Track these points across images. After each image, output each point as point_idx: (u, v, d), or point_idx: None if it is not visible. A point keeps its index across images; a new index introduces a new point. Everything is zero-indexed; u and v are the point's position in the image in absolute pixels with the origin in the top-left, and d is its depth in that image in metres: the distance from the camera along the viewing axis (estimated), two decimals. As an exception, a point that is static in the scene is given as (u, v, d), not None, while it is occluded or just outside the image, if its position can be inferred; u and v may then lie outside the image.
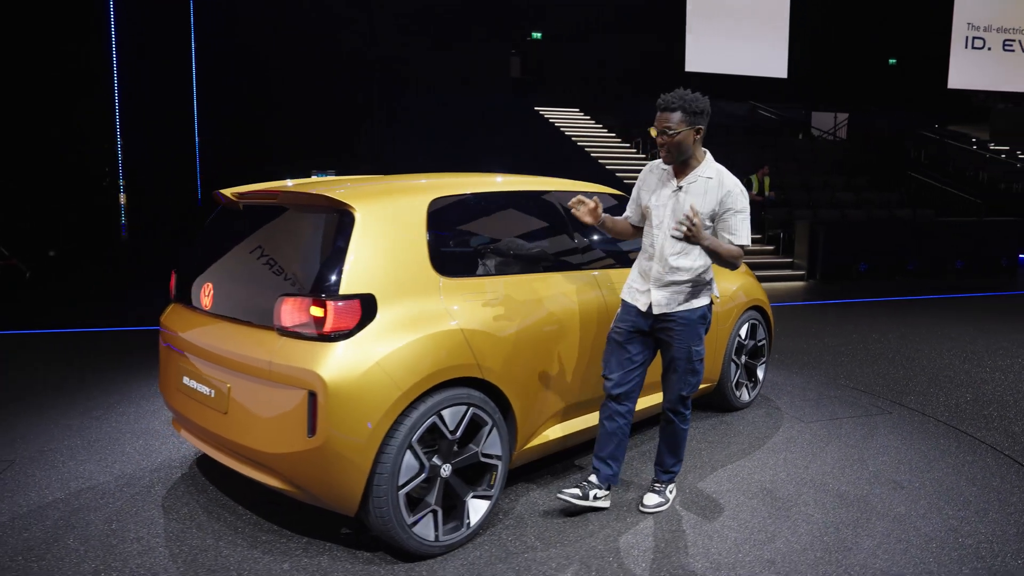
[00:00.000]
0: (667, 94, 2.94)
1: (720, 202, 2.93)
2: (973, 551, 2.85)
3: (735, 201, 2.93)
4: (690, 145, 2.92)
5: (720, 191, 2.93)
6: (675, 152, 2.92)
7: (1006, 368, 5.79)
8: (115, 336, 6.78)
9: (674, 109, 2.89)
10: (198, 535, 2.92)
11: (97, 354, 6.03)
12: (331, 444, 2.47)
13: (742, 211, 2.94)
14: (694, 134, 2.91)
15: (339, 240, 2.65)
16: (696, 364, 3.03)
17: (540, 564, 2.72)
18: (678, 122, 2.88)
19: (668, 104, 2.90)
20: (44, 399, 4.73)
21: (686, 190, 2.96)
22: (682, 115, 2.88)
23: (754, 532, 2.99)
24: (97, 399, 4.75)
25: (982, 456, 3.88)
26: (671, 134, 2.89)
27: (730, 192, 2.93)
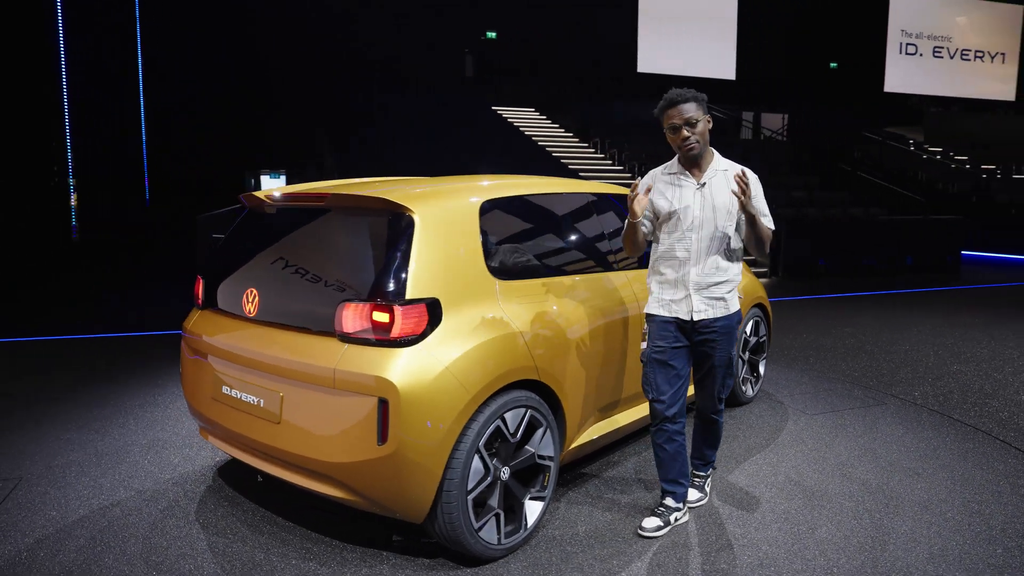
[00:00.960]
0: (673, 90, 2.85)
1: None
2: (1000, 532, 3.01)
3: (755, 188, 2.88)
4: (707, 134, 2.86)
5: None
6: (702, 142, 2.83)
7: (981, 358, 6.12)
8: (91, 344, 6.48)
9: (688, 100, 2.81)
10: (245, 549, 2.84)
11: (79, 363, 5.76)
12: (403, 451, 2.44)
13: (761, 195, 2.93)
14: (708, 122, 2.86)
15: (401, 243, 2.61)
16: (734, 368, 3.05)
17: (602, 562, 2.74)
18: (696, 111, 2.81)
19: (682, 97, 2.82)
20: (37, 412, 4.49)
21: (709, 185, 2.88)
22: (696, 104, 2.82)
23: (796, 523, 3.08)
24: (93, 411, 4.54)
25: (980, 443, 4.09)
26: (695, 123, 2.80)
27: (752, 179, 2.87)
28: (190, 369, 3.20)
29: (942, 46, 25.43)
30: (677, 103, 2.81)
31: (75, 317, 7.75)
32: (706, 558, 2.79)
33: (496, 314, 2.77)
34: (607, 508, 3.21)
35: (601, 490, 3.40)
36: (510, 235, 3.07)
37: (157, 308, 8.45)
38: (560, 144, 18.25)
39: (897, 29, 24.88)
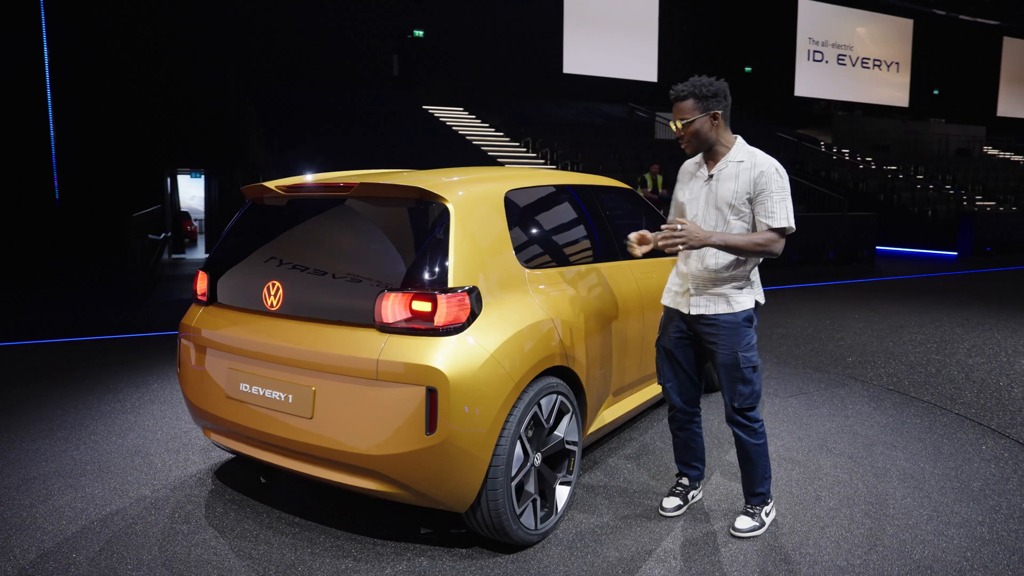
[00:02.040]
0: (678, 84, 2.78)
1: (754, 183, 2.70)
2: (980, 492, 3.28)
3: (768, 182, 2.68)
4: (708, 132, 2.74)
5: (752, 172, 2.71)
6: (694, 142, 2.76)
7: (916, 341, 6.59)
8: (23, 351, 6.04)
9: (685, 97, 2.73)
10: (272, 551, 2.74)
11: (16, 372, 5.36)
12: (452, 440, 2.43)
13: (778, 192, 2.68)
14: (710, 120, 2.73)
15: (438, 232, 2.60)
16: (746, 372, 2.76)
17: (634, 541, 2.82)
18: (691, 110, 2.72)
19: (679, 94, 2.76)
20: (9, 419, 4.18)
21: (717, 178, 2.78)
22: (694, 102, 2.72)
23: (800, 495, 3.25)
24: (53, 420, 4.25)
25: (940, 416, 4.42)
26: (686, 123, 2.73)
27: (763, 172, 2.70)
28: (194, 368, 3.06)
29: (845, 54, 27.10)
30: (674, 100, 2.77)
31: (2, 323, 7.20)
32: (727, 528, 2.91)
33: (528, 302, 2.80)
34: (623, 490, 3.29)
35: (612, 472, 3.48)
36: (532, 224, 3.10)
37: (84, 312, 7.97)
38: (492, 143, 18.30)
39: (805, 37, 26.34)
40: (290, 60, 18.83)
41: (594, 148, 17.81)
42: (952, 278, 11.77)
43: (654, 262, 3.89)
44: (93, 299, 9.06)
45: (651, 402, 3.92)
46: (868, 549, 2.77)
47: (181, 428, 4.14)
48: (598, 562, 2.67)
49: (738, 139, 2.83)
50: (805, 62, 26.51)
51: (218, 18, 17.50)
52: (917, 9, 27.46)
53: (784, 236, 2.72)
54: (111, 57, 16.35)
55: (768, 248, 2.69)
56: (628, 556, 2.72)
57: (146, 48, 16.70)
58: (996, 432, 4.13)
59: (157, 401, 4.66)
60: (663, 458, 3.69)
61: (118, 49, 16.43)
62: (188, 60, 17.14)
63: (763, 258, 2.76)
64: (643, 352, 3.64)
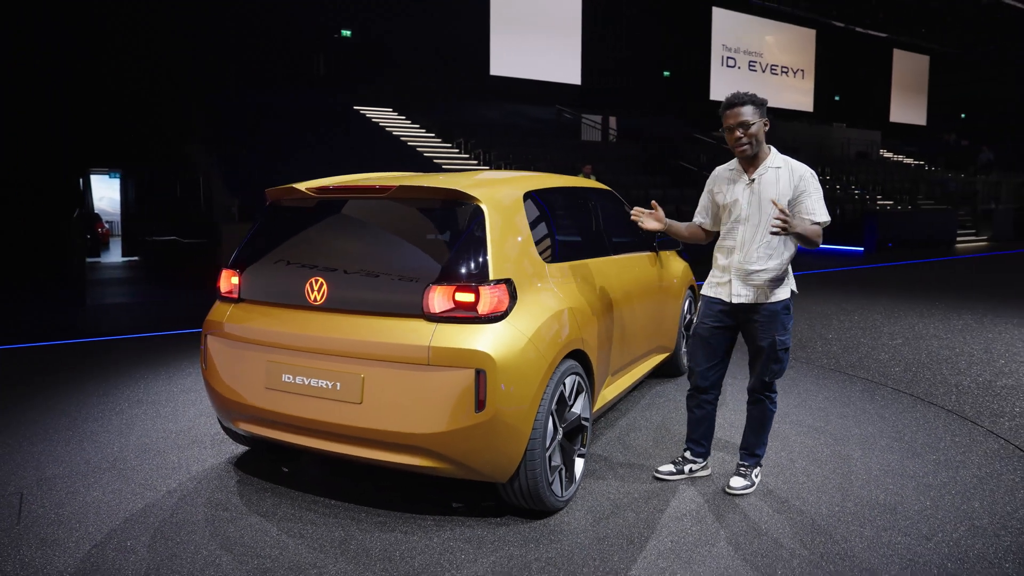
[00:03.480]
0: (733, 94, 3.13)
1: (795, 188, 3.07)
2: (931, 447, 3.82)
3: (808, 184, 3.07)
4: (762, 136, 3.09)
5: (793, 177, 3.08)
6: (753, 143, 3.06)
7: (843, 328, 7.30)
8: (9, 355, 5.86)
9: (745, 103, 3.05)
10: (320, 531, 2.94)
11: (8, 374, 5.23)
12: (499, 416, 2.71)
13: (815, 192, 3.08)
14: (764, 124, 3.08)
15: (476, 230, 2.87)
16: (780, 353, 3.15)
17: (646, 502, 3.17)
18: (752, 113, 3.04)
19: (740, 99, 3.07)
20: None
21: (759, 182, 3.11)
22: (753, 107, 3.05)
23: (776, 460, 3.70)
24: (46, 423, 4.23)
25: (878, 390, 5.02)
26: (749, 125, 3.03)
27: (802, 177, 3.08)
28: (228, 362, 3.20)
29: (756, 61, 28.66)
30: (734, 105, 3.07)
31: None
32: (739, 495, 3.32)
33: (550, 292, 3.10)
34: (622, 462, 3.65)
35: (610, 447, 3.83)
36: (545, 222, 3.41)
37: (28, 317, 7.70)
38: (425, 145, 18.46)
39: (719, 44, 27.69)
40: (214, 57, 18.33)
41: (525, 149, 18.26)
42: (862, 271, 12.86)
43: (635, 257, 4.28)
44: (30, 304, 8.71)
45: (637, 383, 4.31)
46: (842, 498, 3.24)
47: (183, 425, 4.22)
48: (620, 522, 3.01)
49: (772, 148, 3.19)
50: (719, 68, 27.85)
51: (134, 12, 16.85)
52: (818, 20, 29.39)
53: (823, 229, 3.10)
54: (26, 51, 15.48)
55: (818, 239, 3.06)
56: (646, 515, 3.07)
57: (61, 42, 15.90)
58: (924, 401, 4.74)
59: (144, 402, 4.68)
60: (654, 433, 4.07)
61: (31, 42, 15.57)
62: (106, 53, 16.43)
63: (807, 247, 3.09)
64: (632, 337, 4.02)
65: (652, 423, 4.26)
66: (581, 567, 2.65)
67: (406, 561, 2.69)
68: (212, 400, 3.36)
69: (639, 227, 3.29)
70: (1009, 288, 10.34)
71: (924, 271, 12.85)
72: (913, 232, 17.24)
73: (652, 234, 4.61)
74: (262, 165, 12.65)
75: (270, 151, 13.49)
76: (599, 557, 2.72)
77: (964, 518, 3.04)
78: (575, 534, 2.90)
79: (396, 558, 2.71)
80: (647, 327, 4.32)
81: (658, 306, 4.51)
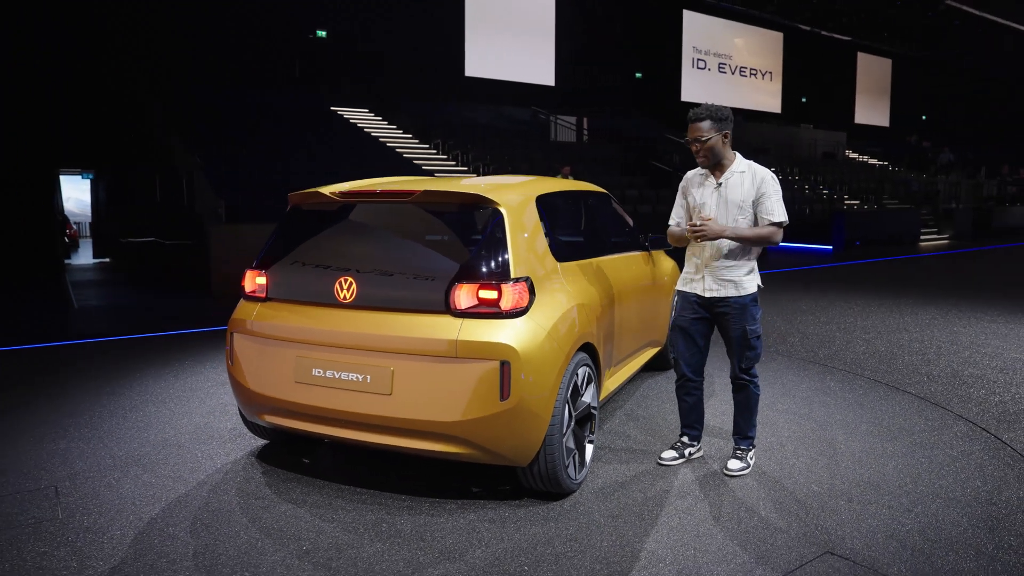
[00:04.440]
0: (695, 108, 3.40)
1: (756, 190, 3.36)
2: (906, 431, 4.14)
3: (768, 187, 3.36)
4: (721, 148, 3.36)
5: (755, 180, 3.37)
6: (709, 155, 3.37)
7: (823, 322, 7.65)
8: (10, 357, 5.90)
9: (703, 119, 3.33)
10: (352, 516, 3.12)
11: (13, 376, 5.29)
12: (523, 403, 2.93)
13: (775, 193, 3.36)
14: (722, 138, 3.35)
15: (496, 232, 3.09)
16: (752, 340, 3.45)
17: (652, 483, 3.42)
18: (708, 129, 3.32)
19: (698, 115, 3.36)
20: (4, 425, 4.21)
21: (725, 186, 3.41)
22: (711, 123, 3.33)
23: (767, 443, 3.98)
24: (60, 421, 4.34)
25: (855, 380, 5.34)
26: (704, 140, 3.33)
27: (763, 180, 3.37)
28: (256, 358, 3.37)
29: (725, 63, 29.25)
30: (693, 121, 3.38)
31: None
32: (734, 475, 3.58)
33: (564, 290, 3.33)
34: (624, 448, 3.89)
35: (612, 435, 4.07)
36: (556, 224, 3.63)
37: (10, 319, 7.70)
38: (403, 146, 18.55)
39: (690, 46, 28.22)
40: (192, 56, 18.21)
41: (502, 150, 18.47)
42: (832, 269, 13.34)
43: (632, 256, 4.53)
44: (16, 305, 8.68)
45: (634, 375, 4.56)
46: (829, 477, 3.52)
47: (198, 421, 4.36)
48: (629, 501, 3.25)
49: (737, 154, 3.49)
50: (690, 69, 28.39)
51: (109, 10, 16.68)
52: (785, 24, 30.11)
53: (782, 228, 3.40)
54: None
55: (770, 238, 3.37)
56: (652, 495, 3.31)
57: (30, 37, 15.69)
58: (899, 390, 5.07)
59: (155, 401, 4.80)
60: (650, 422, 4.32)
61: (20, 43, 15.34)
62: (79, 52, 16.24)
63: (764, 246, 3.43)
64: (630, 331, 4.27)
65: (648, 413, 4.52)
66: (599, 541, 2.88)
67: (437, 540, 2.89)
68: (238, 394, 3.52)
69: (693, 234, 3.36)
70: (971, 284, 10.85)
71: (891, 268, 13.37)
72: (879, 231, 17.86)
73: (644, 234, 4.89)
74: (247, 165, 12.67)
75: (249, 151, 13.50)
76: (614, 532, 2.96)
77: (940, 493, 3.34)
78: (590, 513, 3.13)
79: (428, 537, 2.91)
80: (643, 322, 4.57)
81: (652, 302, 4.77)
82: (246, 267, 3.54)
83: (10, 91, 15.10)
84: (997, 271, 12.97)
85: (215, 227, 9.25)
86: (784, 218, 3.40)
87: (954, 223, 20.18)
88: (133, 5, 17.04)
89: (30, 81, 15.55)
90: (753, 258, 3.49)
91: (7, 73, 15.05)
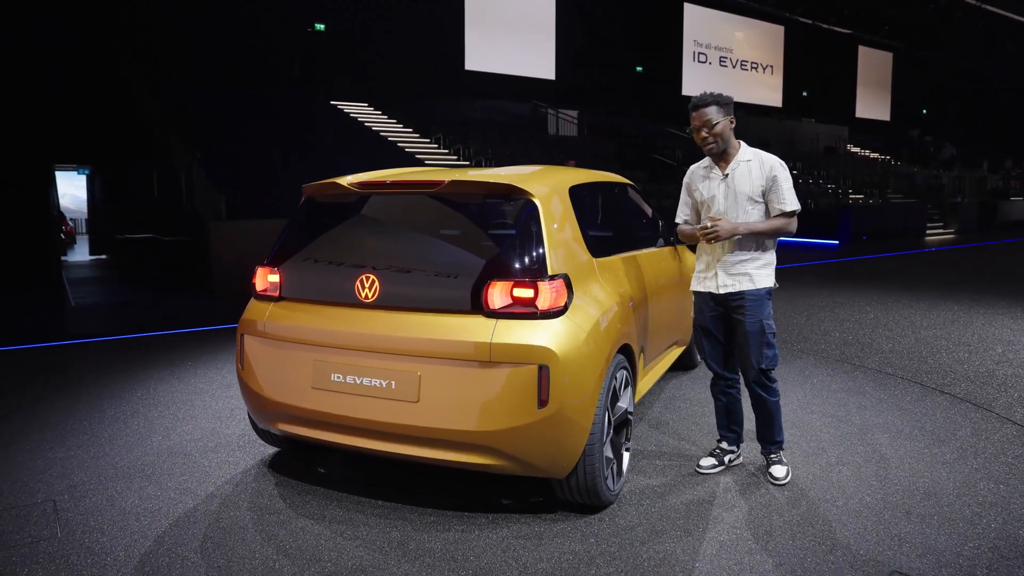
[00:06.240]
0: (698, 95, 3.24)
1: (766, 178, 3.20)
2: (949, 435, 3.92)
3: (777, 173, 3.20)
4: (729, 134, 3.21)
5: (764, 169, 3.21)
6: (719, 141, 3.19)
7: (842, 319, 7.45)
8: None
9: (709, 103, 3.18)
10: (374, 533, 2.89)
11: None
12: (563, 411, 2.70)
13: (785, 181, 3.20)
14: (729, 123, 3.20)
15: (531, 225, 2.85)
16: (769, 337, 3.26)
17: (691, 489, 3.19)
18: (715, 113, 3.16)
19: (703, 101, 3.20)
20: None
21: (732, 176, 3.23)
22: (717, 107, 3.17)
23: (807, 450, 3.76)
24: (59, 427, 4.10)
25: (887, 379, 5.13)
26: (713, 125, 3.16)
27: (772, 167, 3.21)
28: (269, 362, 3.13)
29: (726, 57, 29.05)
30: (698, 107, 3.19)
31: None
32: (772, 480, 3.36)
33: (601, 287, 3.10)
34: (659, 453, 3.67)
35: (642, 439, 3.85)
36: (589, 216, 3.40)
37: (6, 319, 7.45)
38: (405, 140, 18.29)
39: (691, 40, 27.99)
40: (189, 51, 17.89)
41: (503, 145, 18.23)
42: (841, 264, 13.14)
43: (661, 251, 4.31)
44: (13, 305, 8.42)
45: (662, 376, 4.34)
46: (881, 486, 3.29)
47: (205, 426, 4.12)
48: (671, 514, 3.03)
49: (742, 143, 3.30)
50: (691, 63, 28.17)
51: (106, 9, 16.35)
52: (786, 17, 29.88)
53: (795, 216, 3.24)
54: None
55: (785, 228, 3.22)
56: (695, 507, 3.09)
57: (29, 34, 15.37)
58: (935, 390, 4.85)
59: (159, 404, 4.56)
60: (679, 424, 4.10)
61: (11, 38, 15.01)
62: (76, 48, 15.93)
63: (780, 237, 3.27)
64: (661, 329, 4.04)
65: (679, 415, 4.30)
66: (645, 560, 2.66)
67: (470, 560, 2.67)
68: (249, 401, 3.28)
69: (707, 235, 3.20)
70: (986, 279, 10.65)
71: (901, 263, 13.18)
72: (885, 225, 17.66)
73: (668, 226, 4.67)
74: (245, 162, 12.40)
75: (249, 148, 13.22)
76: (660, 550, 2.73)
77: (1001, 503, 3.12)
78: (631, 528, 2.91)
79: (460, 558, 2.68)
80: (672, 320, 4.35)
81: (679, 299, 4.54)
82: (248, 264, 3.31)
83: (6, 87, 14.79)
84: (1010, 265, 12.78)
85: (215, 224, 9.00)
86: (797, 206, 3.24)
87: (959, 217, 19.99)
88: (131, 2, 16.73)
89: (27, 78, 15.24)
90: (768, 250, 3.30)
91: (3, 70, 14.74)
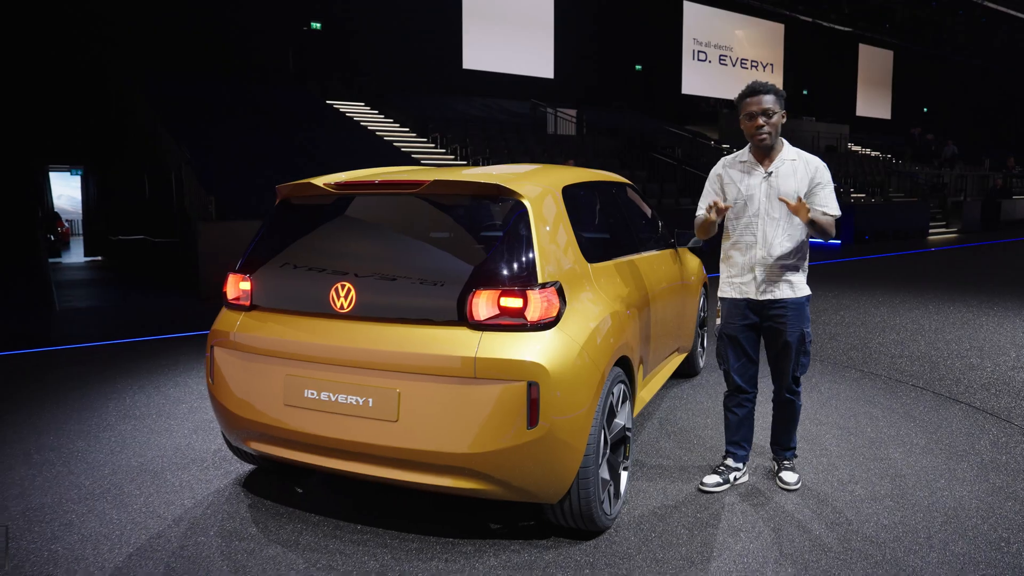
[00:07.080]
0: (754, 81, 3.09)
1: (810, 180, 3.05)
2: (969, 450, 3.70)
3: (822, 176, 3.06)
4: (779, 129, 3.06)
5: (808, 170, 3.06)
6: (774, 132, 3.02)
7: (848, 322, 7.22)
8: (-53, 372, 5.41)
9: (768, 91, 3.00)
10: (351, 562, 2.67)
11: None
12: (554, 432, 2.47)
13: (828, 184, 3.06)
14: (782, 116, 3.04)
15: (520, 228, 2.62)
16: (808, 346, 3.13)
17: (695, 513, 2.97)
18: (774, 103, 3.00)
19: (763, 87, 3.01)
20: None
21: (776, 174, 3.06)
22: (774, 98, 3.00)
23: (816, 464, 3.53)
24: (29, 440, 3.87)
25: (897, 387, 4.90)
26: (771, 114, 2.99)
27: (817, 169, 3.07)
28: (239, 377, 2.90)
29: (726, 55, 28.80)
30: (758, 92, 3.00)
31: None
32: (782, 497, 3.13)
33: (597, 295, 2.87)
34: (658, 469, 3.44)
35: (644, 452, 3.62)
36: (584, 219, 3.17)
37: (1, 326, 7.22)
38: (401, 139, 18.06)
39: (690, 38, 27.74)
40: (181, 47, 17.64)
41: (501, 144, 18.00)
42: (845, 264, 12.91)
43: (661, 255, 4.08)
44: None
45: (663, 385, 4.11)
46: (898, 506, 3.06)
47: (179, 441, 3.89)
48: (673, 539, 2.80)
49: (784, 141, 3.12)
50: (691, 61, 27.92)
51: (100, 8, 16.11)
52: (786, 14, 29.62)
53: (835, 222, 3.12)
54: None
55: (831, 230, 3.08)
56: (698, 531, 2.86)
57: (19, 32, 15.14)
58: (948, 398, 4.63)
59: (133, 416, 4.34)
60: (681, 435, 3.87)
61: None
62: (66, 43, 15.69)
63: (821, 239, 3.14)
64: (662, 337, 3.82)
65: (678, 426, 4.07)
66: (646, 595, 2.44)
67: (454, 595, 2.44)
68: (220, 418, 3.05)
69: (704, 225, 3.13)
70: (993, 280, 10.43)
71: (905, 263, 12.95)
72: (888, 224, 17.44)
73: (668, 228, 4.45)
74: (237, 161, 12.17)
75: (241, 146, 12.98)
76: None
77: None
78: (630, 556, 2.68)
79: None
80: (673, 327, 4.13)
81: (681, 305, 4.32)
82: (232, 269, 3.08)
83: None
84: (1017, 266, 12.55)
85: (204, 224, 8.77)
86: (839, 212, 3.11)
87: (962, 216, 19.76)
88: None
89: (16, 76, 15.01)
90: (807, 257, 3.17)
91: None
